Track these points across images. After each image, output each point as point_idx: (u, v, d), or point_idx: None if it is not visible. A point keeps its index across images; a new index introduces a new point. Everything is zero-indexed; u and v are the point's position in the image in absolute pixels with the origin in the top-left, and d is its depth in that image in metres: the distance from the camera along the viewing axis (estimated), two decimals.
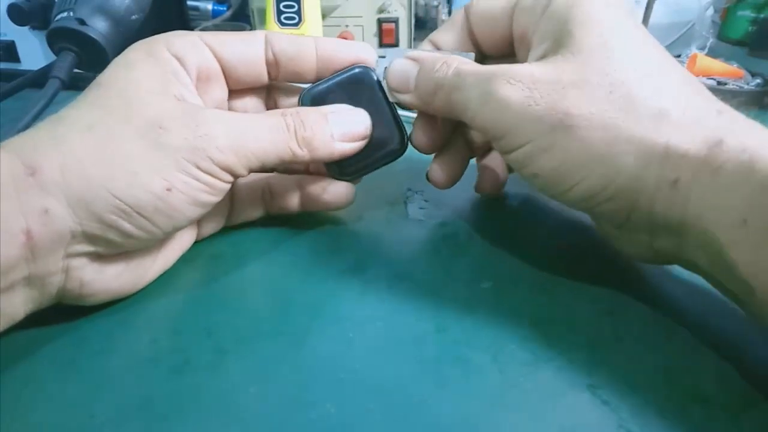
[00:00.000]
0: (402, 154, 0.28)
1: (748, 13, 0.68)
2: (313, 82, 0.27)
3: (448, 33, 0.28)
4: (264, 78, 0.26)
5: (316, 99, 0.26)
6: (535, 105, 0.21)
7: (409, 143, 0.28)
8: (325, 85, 0.26)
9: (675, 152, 0.19)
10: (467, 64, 0.24)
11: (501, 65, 0.23)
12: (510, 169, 0.32)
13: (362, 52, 0.27)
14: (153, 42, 0.24)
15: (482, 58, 0.29)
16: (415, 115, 0.28)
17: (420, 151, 0.28)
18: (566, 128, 0.20)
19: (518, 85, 0.21)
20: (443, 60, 0.25)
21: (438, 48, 0.29)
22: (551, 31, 0.23)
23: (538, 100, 0.21)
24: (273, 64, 0.26)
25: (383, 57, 0.27)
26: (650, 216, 0.21)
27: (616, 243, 0.24)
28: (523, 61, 0.24)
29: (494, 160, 0.31)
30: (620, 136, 0.20)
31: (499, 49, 0.28)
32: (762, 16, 0.66)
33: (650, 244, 0.22)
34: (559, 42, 0.22)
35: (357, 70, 0.26)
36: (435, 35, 0.29)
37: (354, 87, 0.26)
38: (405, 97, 0.26)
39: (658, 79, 0.21)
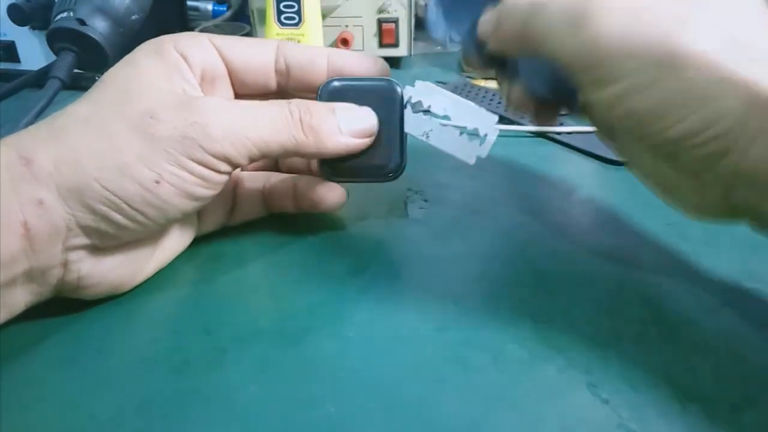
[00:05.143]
0: (393, 179, 0.27)
1: None
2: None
3: None
4: (272, 85, 0.26)
5: (334, 94, 0.26)
6: (639, 36, 0.19)
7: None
8: (347, 83, 0.26)
9: None
10: None
11: None
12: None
13: (375, 66, 0.27)
14: (161, 40, 0.24)
15: None
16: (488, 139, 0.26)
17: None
18: (672, 65, 0.18)
19: (620, 12, 0.19)
20: None
21: None
22: None
23: (645, 30, 0.19)
24: (284, 73, 0.26)
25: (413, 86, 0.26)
26: (737, 166, 0.19)
27: (681, 194, 0.22)
28: None
29: None
30: (730, 78, 0.18)
31: None
32: None
33: (725, 196, 0.20)
34: None
35: (384, 83, 0.26)
36: None
37: (375, 97, 0.26)
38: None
39: None
